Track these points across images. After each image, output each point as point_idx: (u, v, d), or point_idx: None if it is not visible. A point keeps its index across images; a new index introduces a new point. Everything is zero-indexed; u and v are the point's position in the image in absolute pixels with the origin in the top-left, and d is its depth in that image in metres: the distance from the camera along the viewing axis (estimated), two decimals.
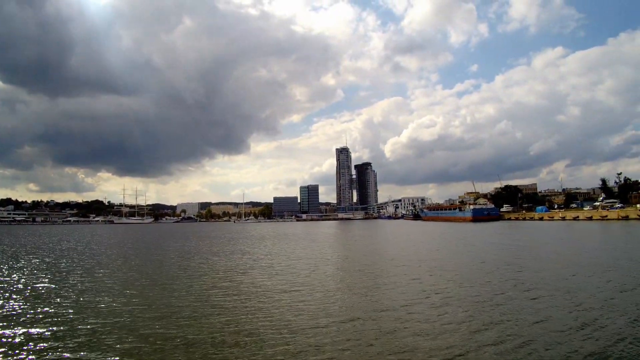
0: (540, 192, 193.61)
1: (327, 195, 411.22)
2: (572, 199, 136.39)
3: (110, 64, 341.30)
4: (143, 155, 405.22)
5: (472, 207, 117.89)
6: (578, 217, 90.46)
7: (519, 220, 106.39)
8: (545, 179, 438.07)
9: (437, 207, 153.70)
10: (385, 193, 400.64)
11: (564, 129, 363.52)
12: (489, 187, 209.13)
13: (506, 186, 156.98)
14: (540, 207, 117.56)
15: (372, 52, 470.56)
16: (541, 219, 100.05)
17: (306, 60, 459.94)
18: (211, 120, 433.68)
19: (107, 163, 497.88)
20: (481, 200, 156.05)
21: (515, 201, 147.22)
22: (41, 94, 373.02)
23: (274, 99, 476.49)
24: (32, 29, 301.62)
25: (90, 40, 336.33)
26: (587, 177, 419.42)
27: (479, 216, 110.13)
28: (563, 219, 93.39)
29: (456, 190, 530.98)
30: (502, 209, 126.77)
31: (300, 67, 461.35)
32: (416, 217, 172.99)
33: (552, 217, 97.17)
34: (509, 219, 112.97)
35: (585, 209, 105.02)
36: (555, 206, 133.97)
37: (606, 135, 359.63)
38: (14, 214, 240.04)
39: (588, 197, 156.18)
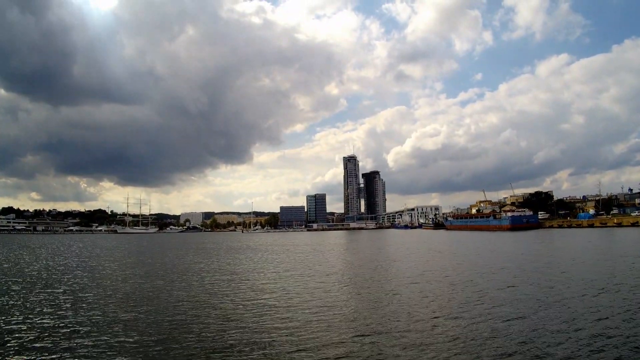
0: (565, 199, 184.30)
1: (331, 205, 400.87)
2: (610, 205, 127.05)
3: (112, 73, 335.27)
4: (145, 165, 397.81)
5: (509, 214, 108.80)
6: (638, 222, 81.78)
7: (564, 227, 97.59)
8: (550, 188, 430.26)
9: (464, 215, 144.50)
10: (391, 203, 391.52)
11: (568, 138, 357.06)
12: (495, 196, 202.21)
13: (536, 192, 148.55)
14: (583, 214, 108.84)
15: (375, 61, 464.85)
16: (591, 225, 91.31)
17: (309, 69, 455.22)
18: (214, 130, 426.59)
19: (109, 172, 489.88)
20: (508, 208, 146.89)
21: (545, 208, 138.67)
22: (43, 102, 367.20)
23: (277, 109, 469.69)
24: (34, 37, 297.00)
25: (92, 48, 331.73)
26: (591, 186, 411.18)
27: (518, 224, 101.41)
28: (619, 224, 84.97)
29: (459, 199, 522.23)
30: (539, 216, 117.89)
31: (303, 76, 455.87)
32: (437, 226, 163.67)
33: (605, 224, 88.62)
34: (551, 226, 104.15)
35: (633, 214, 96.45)
36: (591, 212, 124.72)
37: (610, 143, 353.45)
38: (14, 222, 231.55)
39: (618, 203, 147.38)
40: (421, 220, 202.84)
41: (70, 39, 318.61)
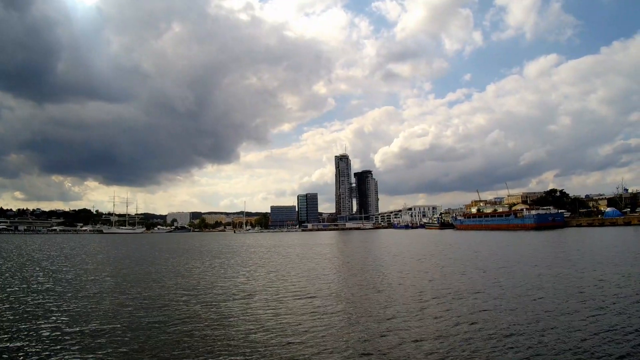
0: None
1: (319, 205, 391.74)
2: (636, 202, 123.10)
3: (98, 70, 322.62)
4: (131, 164, 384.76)
5: (533, 212, 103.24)
6: None
7: (595, 226, 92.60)
8: (535, 189, 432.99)
9: (477, 214, 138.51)
10: (379, 203, 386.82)
11: (555, 139, 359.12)
12: (487, 196, 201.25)
13: (551, 190, 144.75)
14: (611, 211, 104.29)
15: (364, 60, 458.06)
16: (628, 223, 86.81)
17: (298, 68, 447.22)
18: (200, 129, 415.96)
19: (94, 172, 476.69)
20: (520, 207, 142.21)
21: (561, 207, 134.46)
22: (27, 99, 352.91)
23: (265, 108, 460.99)
24: (18, 32, 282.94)
25: (77, 45, 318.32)
26: (578, 187, 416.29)
27: (544, 223, 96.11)
28: None
29: (446, 200, 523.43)
30: None
31: (291, 75, 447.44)
32: (444, 225, 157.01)
33: None
34: (579, 224, 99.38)
35: None
36: (609, 210, 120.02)
37: (597, 145, 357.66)
38: None
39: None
40: (424, 220, 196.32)
41: (54, 35, 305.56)
